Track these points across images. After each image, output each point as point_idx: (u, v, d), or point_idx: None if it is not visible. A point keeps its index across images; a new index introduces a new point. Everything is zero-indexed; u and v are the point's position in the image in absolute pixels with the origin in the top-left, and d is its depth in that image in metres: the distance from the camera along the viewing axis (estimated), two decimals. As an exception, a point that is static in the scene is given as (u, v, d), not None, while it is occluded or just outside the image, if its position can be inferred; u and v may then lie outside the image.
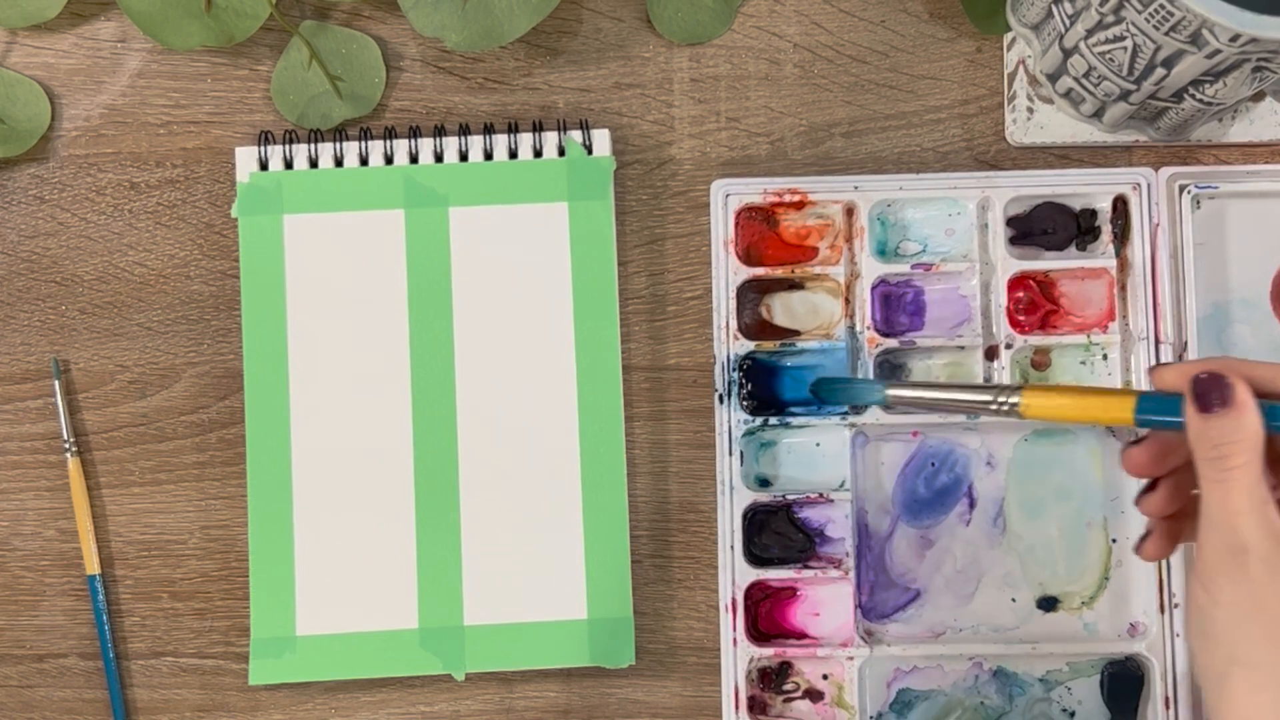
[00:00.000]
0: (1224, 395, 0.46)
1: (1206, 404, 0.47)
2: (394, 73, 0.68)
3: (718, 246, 0.66)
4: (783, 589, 0.66)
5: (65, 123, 0.68)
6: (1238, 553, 0.45)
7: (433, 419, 0.66)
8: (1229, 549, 0.46)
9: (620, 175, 0.67)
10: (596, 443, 0.65)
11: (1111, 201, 0.66)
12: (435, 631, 0.65)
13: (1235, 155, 0.67)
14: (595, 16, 0.68)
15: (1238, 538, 0.45)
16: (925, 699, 0.66)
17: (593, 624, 0.65)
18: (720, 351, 0.66)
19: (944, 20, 0.68)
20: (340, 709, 0.66)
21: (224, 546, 0.67)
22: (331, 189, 0.66)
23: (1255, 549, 0.45)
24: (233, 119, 0.68)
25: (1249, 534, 0.45)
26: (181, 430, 0.67)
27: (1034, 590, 0.66)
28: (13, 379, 0.67)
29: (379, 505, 0.65)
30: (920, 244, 0.67)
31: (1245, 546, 0.45)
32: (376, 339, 0.66)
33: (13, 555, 0.67)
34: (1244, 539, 0.45)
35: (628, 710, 0.66)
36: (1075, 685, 0.65)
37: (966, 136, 0.68)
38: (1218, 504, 0.46)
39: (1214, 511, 0.46)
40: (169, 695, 0.66)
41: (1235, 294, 0.66)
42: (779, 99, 0.68)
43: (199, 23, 0.66)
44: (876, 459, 0.66)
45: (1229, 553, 0.46)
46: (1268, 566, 0.45)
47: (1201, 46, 0.55)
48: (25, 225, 0.68)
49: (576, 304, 0.66)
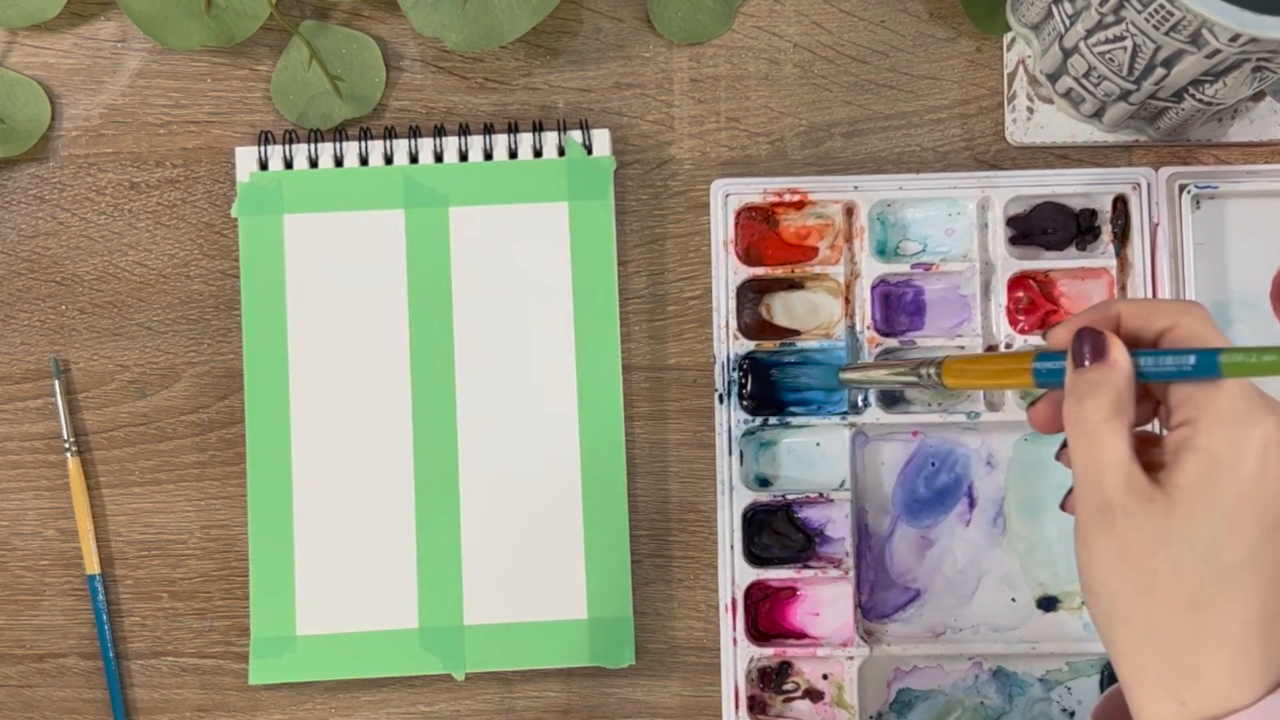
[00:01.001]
0: (1096, 348, 0.47)
1: (1079, 357, 0.47)
2: (394, 73, 0.68)
3: (718, 246, 0.66)
4: (783, 589, 0.66)
5: (65, 123, 0.68)
6: (1105, 510, 0.46)
7: (433, 419, 0.66)
8: (1097, 506, 0.46)
9: (620, 175, 0.67)
10: (596, 443, 0.65)
11: (1111, 201, 0.66)
12: (435, 631, 0.65)
13: (1235, 155, 0.67)
14: (595, 16, 0.68)
15: (1104, 494, 0.46)
16: (925, 699, 0.66)
17: (593, 624, 0.65)
18: (720, 351, 0.66)
19: (944, 20, 0.68)
20: (340, 709, 0.66)
21: (224, 546, 0.67)
22: (331, 189, 0.66)
23: (1119, 505, 0.45)
24: (233, 119, 0.68)
25: (1113, 490, 0.45)
26: (181, 430, 0.67)
27: (1034, 590, 0.66)
28: (13, 379, 0.67)
29: (379, 505, 0.65)
30: (920, 244, 0.67)
31: (1110, 503, 0.45)
32: (376, 339, 0.66)
33: (13, 555, 0.67)
34: (1108, 495, 0.46)
35: (628, 710, 0.66)
36: (1075, 685, 0.65)
37: (966, 136, 0.68)
38: (1083, 460, 0.46)
39: (1080, 467, 0.46)
40: (169, 695, 0.66)
41: (1235, 294, 0.66)
42: (779, 99, 0.68)
43: (199, 23, 0.66)
44: (876, 459, 0.66)
45: (1097, 510, 0.46)
46: (1132, 523, 0.45)
47: (1201, 46, 0.55)
48: (25, 225, 0.68)
49: (576, 304, 0.66)
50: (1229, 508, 0.45)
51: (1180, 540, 0.45)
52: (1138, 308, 0.48)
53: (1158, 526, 0.45)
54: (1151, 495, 0.45)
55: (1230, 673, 0.45)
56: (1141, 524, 0.45)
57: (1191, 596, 0.45)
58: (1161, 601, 0.45)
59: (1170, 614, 0.45)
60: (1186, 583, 0.45)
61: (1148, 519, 0.45)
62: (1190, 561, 0.45)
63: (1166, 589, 0.45)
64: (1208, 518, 0.45)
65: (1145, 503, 0.45)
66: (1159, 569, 0.45)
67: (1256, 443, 0.45)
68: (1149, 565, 0.45)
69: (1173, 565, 0.45)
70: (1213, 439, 0.45)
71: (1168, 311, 0.47)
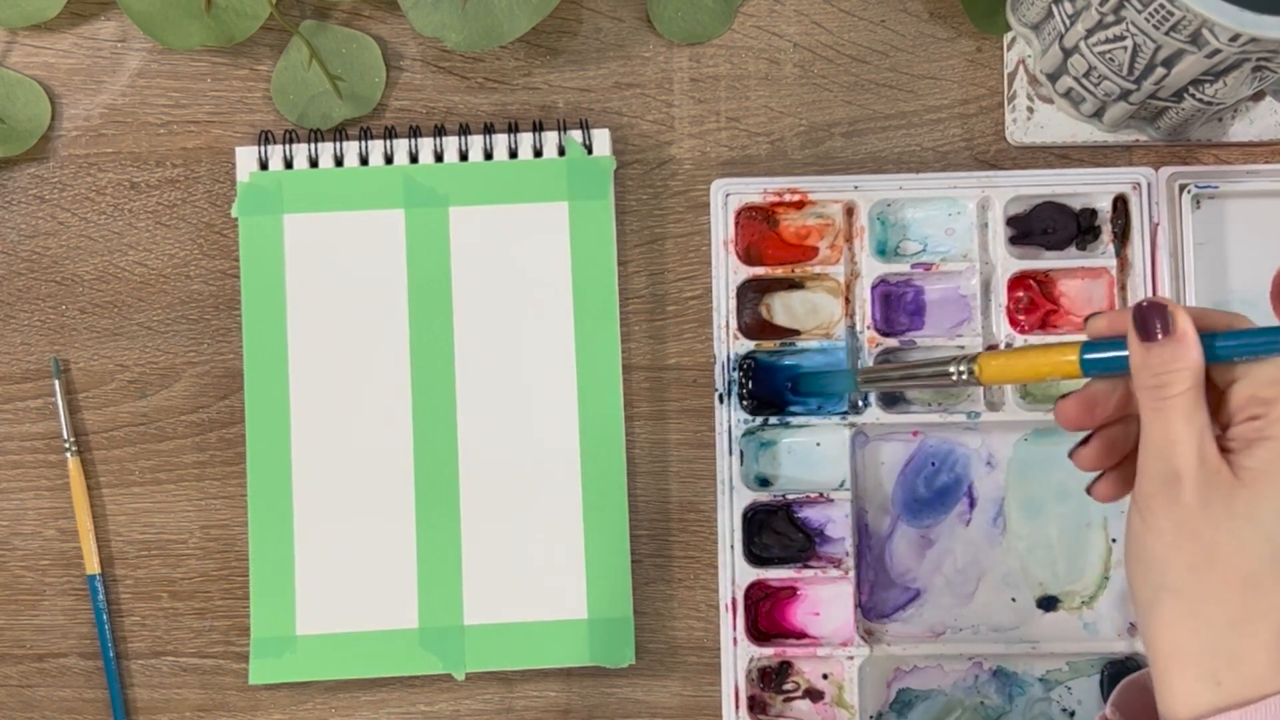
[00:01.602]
0: (1165, 323, 0.47)
1: (1149, 331, 0.47)
2: (394, 73, 0.68)
3: (718, 246, 0.66)
4: (783, 589, 0.66)
5: (65, 123, 0.68)
6: (1172, 481, 0.46)
7: (433, 418, 0.66)
8: (1164, 477, 0.46)
9: (620, 175, 0.67)
10: (596, 443, 0.65)
11: (1111, 201, 0.66)
12: (435, 631, 0.65)
13: (1235, 155, 0.67)
14: (595, 16, 0.68)
15: (1172, 465, 0.46)
16: (925, 699, 0.66)
17: (593, 624, 0.65)
18: (720, 351, 0.66)
19: (944, 20, 0.68)
20: (340, 709, 0.66)
21: (224, 546, 0.67)
22: (331, 189, 0.66)
23: (1189, 477, 0.46)
24: (233, 119, 0.68)
25: (1183, 462, 0.46)
26: (181, 430, 0.67)
27: (1034, 590, 0.66)
28: (13, 379, 0.67)
29: (379, 505, 0.65)
30: (920, 243, 0.67)
31: (1179, 474, 0.46)
32: (376, 339, 0.66)
33: (13, 555, 0.67)
34: (1177, 467, 0.46)
35: (628, 710, 0.66)
36: (1075, 685, 0.65)
37: (966, 136, 0.68)
38: (1157, 432, 0.46)
39: (1152, 440, 0.47)
40: (169, 695, 0.66)
41: (1235, 294, 0.66)
42: (779, 99, 0.68)
43: (199, 23, 0.66)
44: (876, 459, 0.66)
45: (1164, 481, 0.46)
46: (1200, 495, 0.45)
47: (1201, 46, 0.55)
48: (25, 225, 0.68)
49: (576, 304, 0.66)
50: None
51: (1245, 517, 0.45)
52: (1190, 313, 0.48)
53: (1224, 501, 0.45)
54: (1220, 470, 0.46)
55: (1272, 658, 0.45)
56: (1209, 497, 0.45)
57: (1248, 574, 0.45)
58: (1218, 576, 0.45)
59: (1224, 589, 0.45)
60: (1245, 560, 0.45)
61: (1215, 493, 0.45)
62: (1253, 540, 0.45)
63: (1224, 563, 0.45)
64: (1275, 500, 0.45)
65: (1214, 476, 0.45)
66: (1220, 542, 0.45)
67: None
68: (1210, 537, 0.45)
69: (1235, 540, 0.45)
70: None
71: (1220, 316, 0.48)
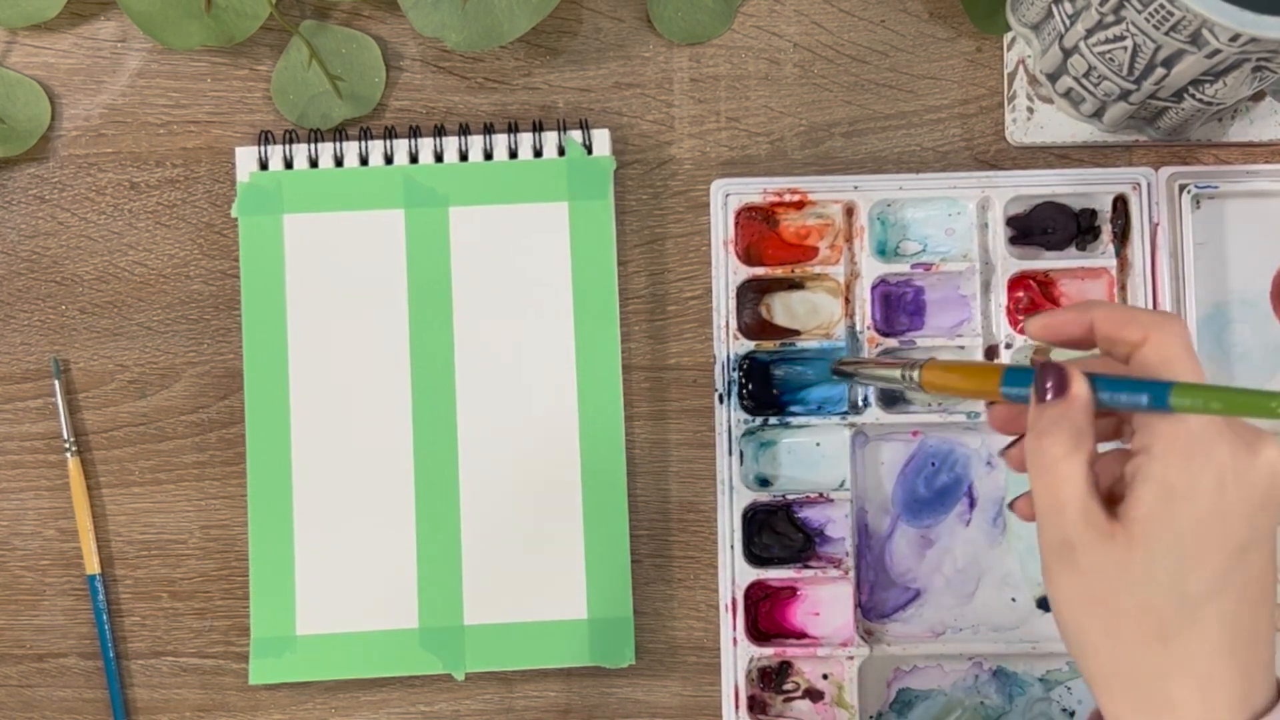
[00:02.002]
0: (1059, 383, 0.46)
1: (1042, 393, 0.47)
2: (394, 73, 0.68)
3: (718, 246, 0.66)
4: (783, 589, 0.66)
5: (65, 123, 0.68)
6: (1066, 547, 0.45)
7: (433, 418, 0.66)
8: (1059, 543, 0.46)
9: (620, 175, 0.67)
10: (596, 443, 0.65)
11: (1111, 201, 0.66)
12: (435, 631, 0.65)
13: (1235, 155, 0.67)
14: (595, 16, 0.68)
15: (1063, 533, 0.45)
16: (925, 699, 0.66)
17: (593, 624, 0.65)
18: (720, 351, 0.66)
19: (944, 20, 0.68)
20: (340, 709, 0.66)
21: (224, 546, 0.67)
22: (331, 189, 0.66)
23: (1079, 543, 0.45)
24: (233, 119, 0.68)
25: (1072, 529, 0.45)
26: (181, 430, 0.67)
27: (1034, 590, 0.66)
28: (13, 379, 0.67)
29: (379, 505, 0.65)
30: (920, 244, 0.67)
31: (1070, 542, 0.45)
32: (376, 339, 0.66)
33: (13, 555, 0.67)
34: (1068, 534, 0.45)
35: (628, 710, 0.66)
36: (1075, 685, 0.65)
37: (966, 136, 0.68)
38: (1044, 496, 0.46)
39: (1041, 504, 0.46)
40: (169, 695, 0.66)
41: (1235, 294, 0.66)
42: (779, 99, 0.68)
43: (199, 23, 0.66)
44: (876, 459, 0.66)
45: (1060, 547, 0.46)
46: (1093, 560, 0.45)
47: (1201, 46, 0.55)
48: (25, 225, 0.68)
49: (576, 304, 0.66)
50: (1189, 538, 0.44)
51: (1142, 575, 0.44)
52: (1115, 314, 0.47)
53: (1118, 563, 0.45)
54: (1111, 531, 0.45)
55: (1205, 701, 0.45)
56: (1102, 561, 0.45)
57: (1159, 629, 0.45)
58: (1128, 636, 0.45)
59: (1139, 648, 0.45)
60: (1152, 616, 0.45)
61: (1108, 556, 0.45)
62: (1154, 595, 0.44)
63: (1132, 624, 0.45)
64: (1167, 550, 0.44)
65: (1105, 539, 0.45)
66: (1123, 605, 0.45)
67: (1212, 472, 0.44)
68: (1113, 603, 0.45)
69: (1136, 600, 0.45)
70: (1167, 468, 0.44)
71: (1144, 323, 0.47)
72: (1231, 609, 0.45)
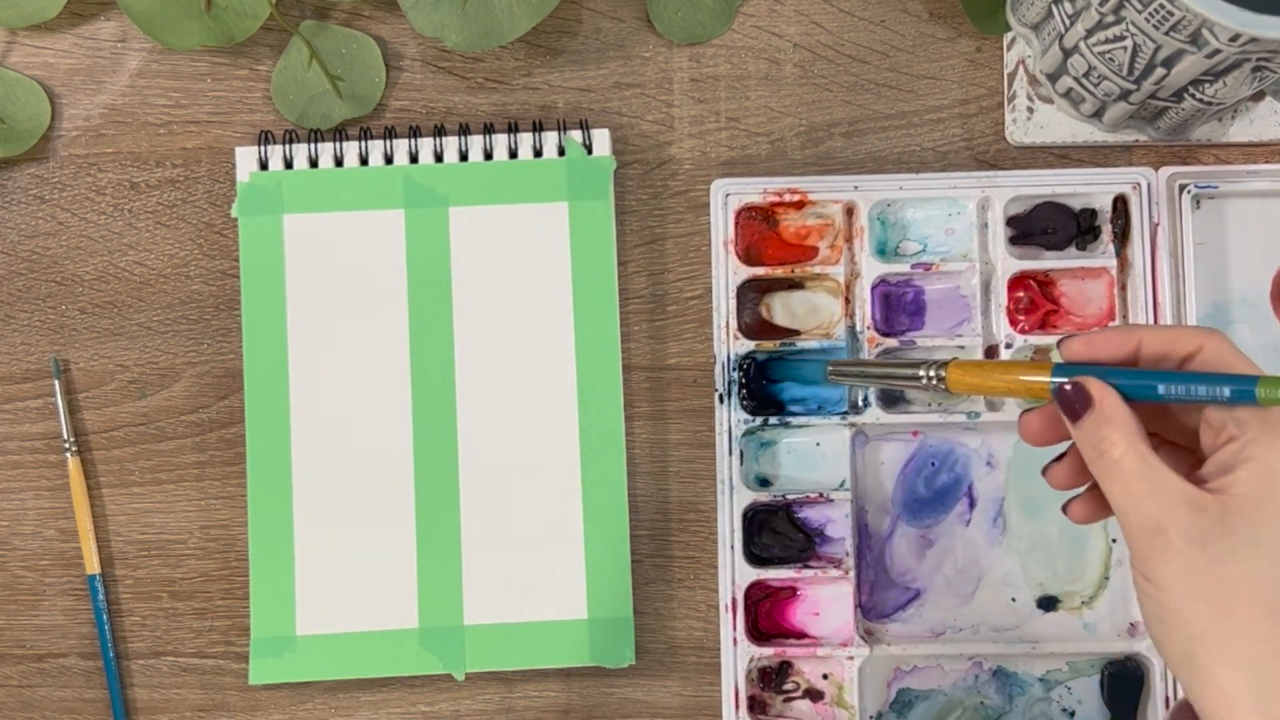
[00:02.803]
0: (1084, 400, 0.47)
1: (1073, 414, 0.47)
2: (394, 73, 0.68)
3: (718, 246, 0.66)
4: (783, 589, 0.66)
5: (65, 123, 0.68)
6: (1156, 534, 0.45)
7: (433, 419, 0.66)
8: (1147, 533, 0.45)
9: (620, 175, 0.67)
10: (596, 443, 0.65)
11: (1111, 201, 0.66)
12: (435, 631, 0.65)
13: (1235, 155, 0.67)
14: (595, 16, 0.68)
15: (1150, 520, 0.45)
16: (925, 699, 0.66)
17: (593, 624, 0.65)
18: (720, 351, 0.66)
19: (944, 20, 0.68)
20: (340, 709, 0.66)
21: (224, 546, 0.67)
22: (331, 189, 0.66)
23: (1171, 524, 0.45)
24: (233, 119, 0.68)
25: (1158, 514, 0.45)
26: (181, 430, 0.67)
27: (1034, 590, 0.66)
28: (13, 379, 0.67)
29: (379, 505, 0.65)
30: (920, 244, 0.67)
31: (1160, 526, 0.45)
32: (376, 339, 0.66)
33: (13, 555, 0.67)
34: (1156, 519, 0.45)
35: (628, 710, 0.66)
36: (1075, 685, 0.65)
37: (966, 136, 0.68)
38: (1120, 497, 0.46)
39: (1120, 504, 0.46)
40: (169, 695, 0.66)
41: (1235, 294, 0.66)
42: (779, 99, 0.68)
43: (199, 23, 0.66)
44: (876, 459, 0.66)
45: (1149, 536, 0.45)
46: (1191, 538, 0.45)
47: (1201, 46, 0.55)
48: (25, 225, 0.68)
49: (576, 304, 0.66)
50: None
51: (1246, 544, 0.44)
52: (1163, 333, 0.48)
53: (1218, 534, 0.44)
54: (1204, 504, 0.45)
55: None
56: (1202, 535, 0.44)
57: (1270, 603, 0.44)
58: (1240, 611, 0.44)
59: (1251, 624, 0.44)
60: (1261, 587, 0.44)
61: (1208, 529, 0.44)
62: (1260, 565, 0.44)
63: (1242, 596, 0.44)
64: (1270, 520, 0.44)
65: (1197, 512, 0.45)
66: (1229, 576, 0.44)
67: None
68: (1218, 574, 0.44)
69: (1243, 570, 0.44)
70: (1265, 449, 0.45)
71: (1191, 336, 0.47)
72: None
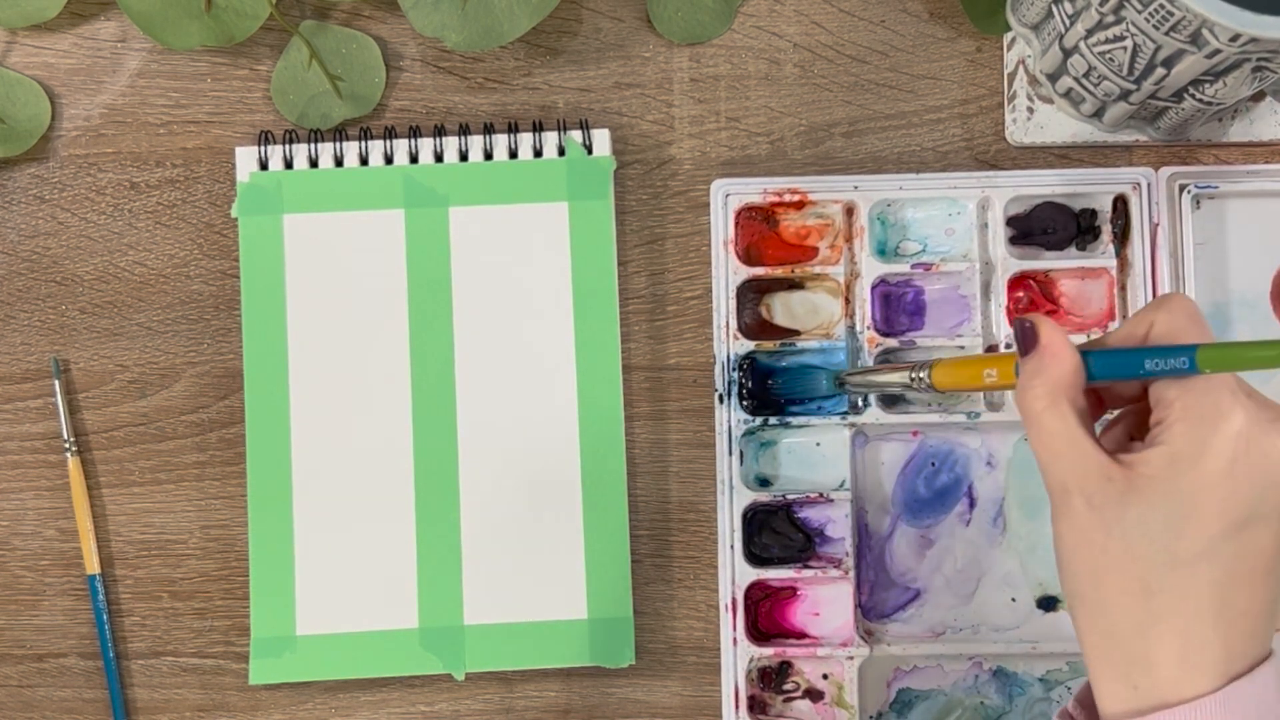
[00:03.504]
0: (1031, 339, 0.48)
1: (1022, 347, 0.48)
2: (394, 73, 0.68)
3: (718, 246, 0.66)
4: (783, 589, 0.66)
5: (65, 123, 0.68)
6: (1061, 492, 0.47)
7: (433, 418, 0.66)
8: (1056, 488, 0.47)
9: (620, 175, 0.67)
10: (596, 443, 0.65)
11: (1111, 201, 0.66)
12: (435, 631, 0.65)
13: (1235, 155, 0.67)
14: (595, 16, 0.68)
15: (1058, 477, 0.47)
16: (925, 699, 0.66)
17: (593, 624, 0.65)
18: (720, 351, 0.66)
19: (944, 20, 0.68)
20: (340, 709, 0.66)
21: (224, 546, 0.67)
22: (331, 189, 0.66)
23: (1074, 487, 0.46)
24: (233, 119, 0.68)
25: (1066, 473, 0.46)
26: (181, 430, 0.67)
27: (1034, 590, 0.66)
28: (13, 379, 0.67)
29: (379, 505, 0.65)
30: (920, 244, 0.67)
31: (1065, 485, 0.46)
32: (376, 339, 0.66)
33: (13, 555, 0.67)
34: (1062, 478, 0.46)
35: (628, 710, 0.66)
36: (1075, 685, 0.65)
37: (966, 136, 0.68)
38: (1038, 448, 0.47)
39: (1038, 455, 0.47)
40: (169, 695, 0.66)
41: (1235, 294, 0.66)
42: (779, 99, 0.68)
43: (199, 23, 0.66)
44: (876, 459, 0.66)
45: (1057, 492, 0.47)
46: (1088, 504, 0.46)
47: (1201, 46, 0.55)
48: (25, 225, 0.68)
49: (576, 304, 0.66)
50: (1188, 498, 0.45)
51: (1135, 522, 0.45)
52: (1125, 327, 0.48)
53: (1114, 509, 0.45)
54: (1111, 475, 0.46)
55: (1182, 661, 0.45)
56: (1099, 504, 0.46)
57: (1143, 581, 0.45)
58: (1114, 583, 0.46)
59: (1122, 596, 0.46)
60: (1138, 565, 0.45)
61: (1105, 500, 0.46)
62: (1143, 545, 0.45)
63: (1118, 569, 0.46)
64: (1165, 505, 0.45)
65: (1105, 482, 0.46)
66: (1111, 548, 0.45)
67: (1225, 440, 0.45)
68: (1102, 543, 0.46)
69: (1125, 545, 0.45)
70: (1176, 434, 0.45)
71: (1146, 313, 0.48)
72: (1221, 577, 0.45)
